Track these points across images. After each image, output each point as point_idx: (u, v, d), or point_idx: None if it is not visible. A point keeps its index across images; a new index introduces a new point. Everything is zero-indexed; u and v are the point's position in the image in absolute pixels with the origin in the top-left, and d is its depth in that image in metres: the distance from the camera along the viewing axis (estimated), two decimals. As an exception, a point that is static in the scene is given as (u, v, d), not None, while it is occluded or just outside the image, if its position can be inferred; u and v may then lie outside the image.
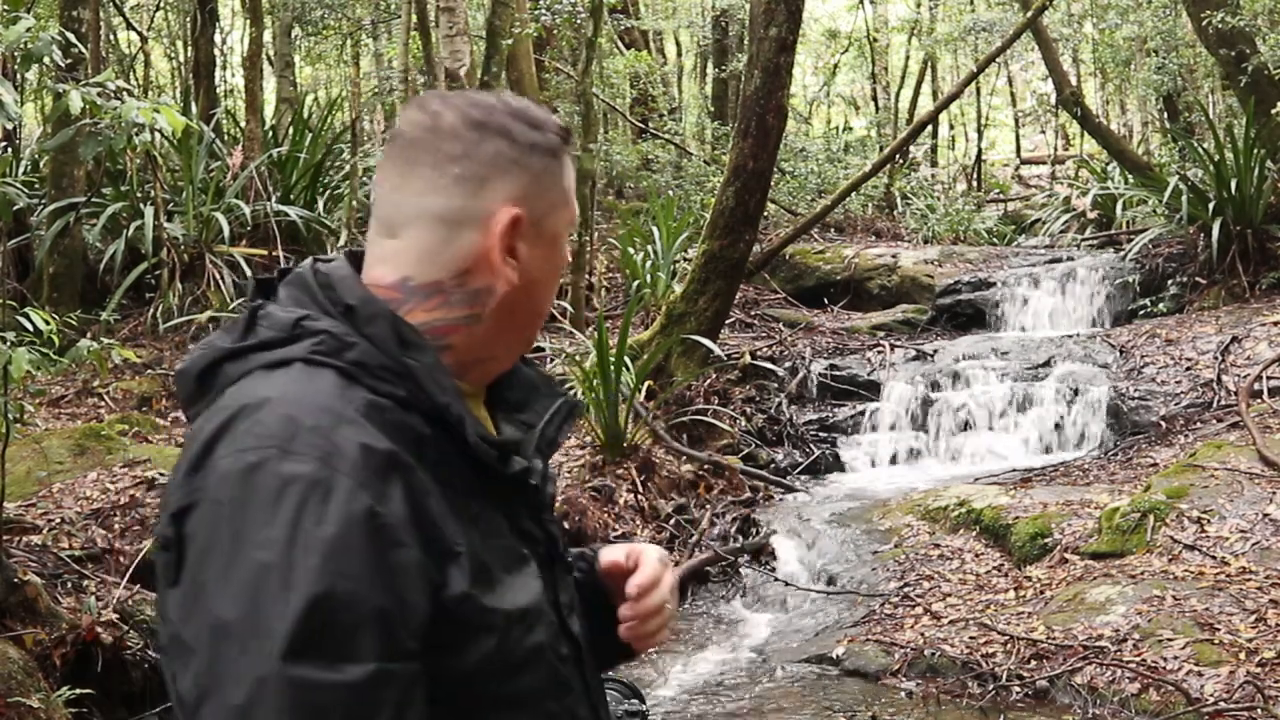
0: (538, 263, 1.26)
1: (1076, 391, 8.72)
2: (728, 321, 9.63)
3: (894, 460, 8.83)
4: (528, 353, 1.31)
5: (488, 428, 1.28)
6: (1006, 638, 5.25)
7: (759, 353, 9.70)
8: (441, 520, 1.12)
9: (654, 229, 11.33)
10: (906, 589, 6.08)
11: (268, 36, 14.35)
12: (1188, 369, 8.65)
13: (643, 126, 16.91)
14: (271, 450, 1.06)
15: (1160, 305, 10.66)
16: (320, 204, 10.89)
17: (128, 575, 5.23)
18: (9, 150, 10.02)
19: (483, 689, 1.14)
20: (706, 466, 7.85)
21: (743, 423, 8.68)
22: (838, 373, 9.53)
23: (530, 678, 1.18)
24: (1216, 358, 8.57)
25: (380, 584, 1.04)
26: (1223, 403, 8.01)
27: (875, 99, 21.53)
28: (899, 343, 10.34)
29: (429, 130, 1.23)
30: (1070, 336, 10.10)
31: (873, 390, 9.34)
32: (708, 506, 7.50)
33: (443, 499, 1.14)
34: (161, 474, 6.04)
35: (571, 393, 1.48)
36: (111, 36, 15.09)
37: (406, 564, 1.07)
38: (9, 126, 8.50)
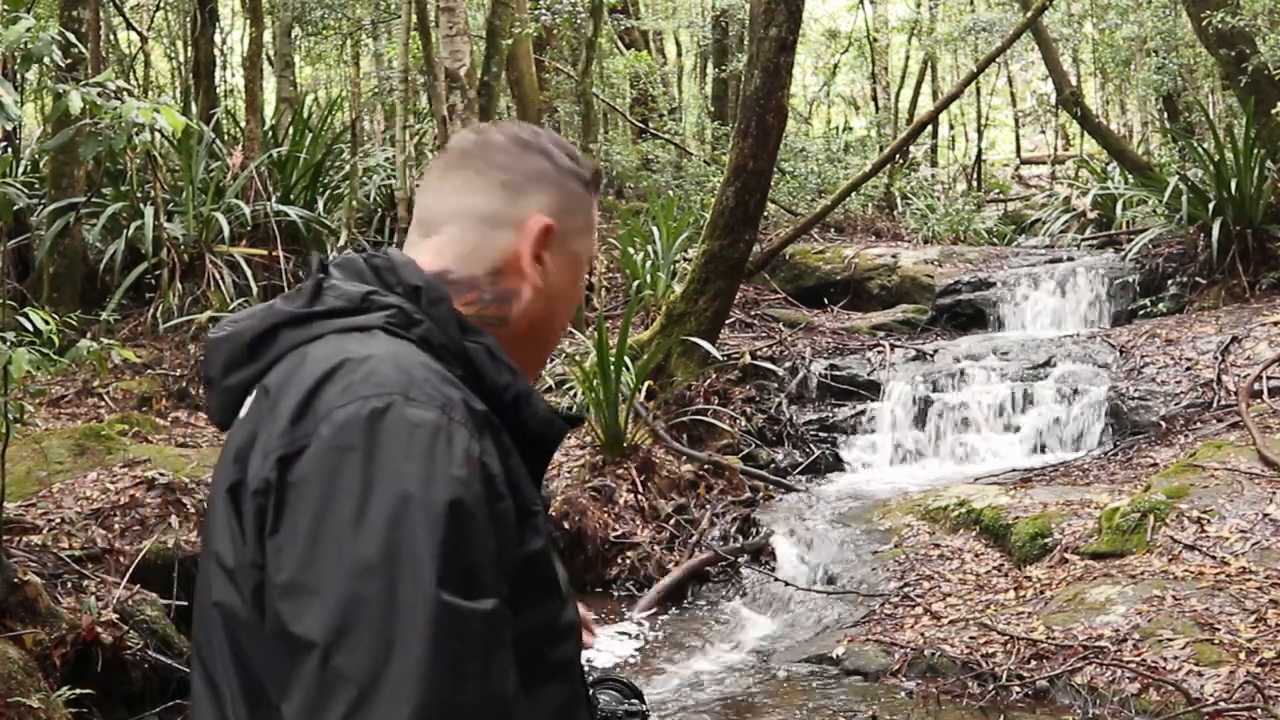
0: (560, 277, 1.35)
1: (1076, 391, 8.72)
2: (728, 321, 9.63)
3: (894, 460, 8.83)
4: (543, 362, 1.36)
5: None
6: (1006, 638, 5.25)
7: (759, 353, 9.70)
8: (522, 481, 1.19)
9: (654, 229, 11.33)
10: (906, 589, 6.08)
11: (268, 36, 14.35)
12: (1188, 369, 8.65)
13: (643, 126, 16.91)
14: (396, 396, 1.10)
15: (1160, 305, 10.66)
16: (320, 204, 10.89)
17: (128, 575, 5.23)
18: (9, 150, 10.02)
19: (538, 650, 1.18)
20: (706, 466, 7.85)
21: (743, 423, 8.68)
22: (838, 373, 9.53)
23: (567, 649, 1.24)
24: (1216, 358, 8.57)
25: (492, 528, 1.10)
26: (1223, 403, 8.01)
27: (875, 99, 21.53)
28: (899, 343, 10.34)
29: (479, 144, 1.34)
30: (1070, 336, 10.09)
31: (873, 390, 9.34)
32: (708, 506, 7.50)
33: (521, 463, 1.20)
34: (161, 474, 6.03)
35: (570, 399, 1.52)
36: (111, 36, 15.09)
37: (506, 514, 1.13)
38: (9, 126, 8.50)
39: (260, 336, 1.22)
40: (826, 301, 12.02)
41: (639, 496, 7.32)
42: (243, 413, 1.21)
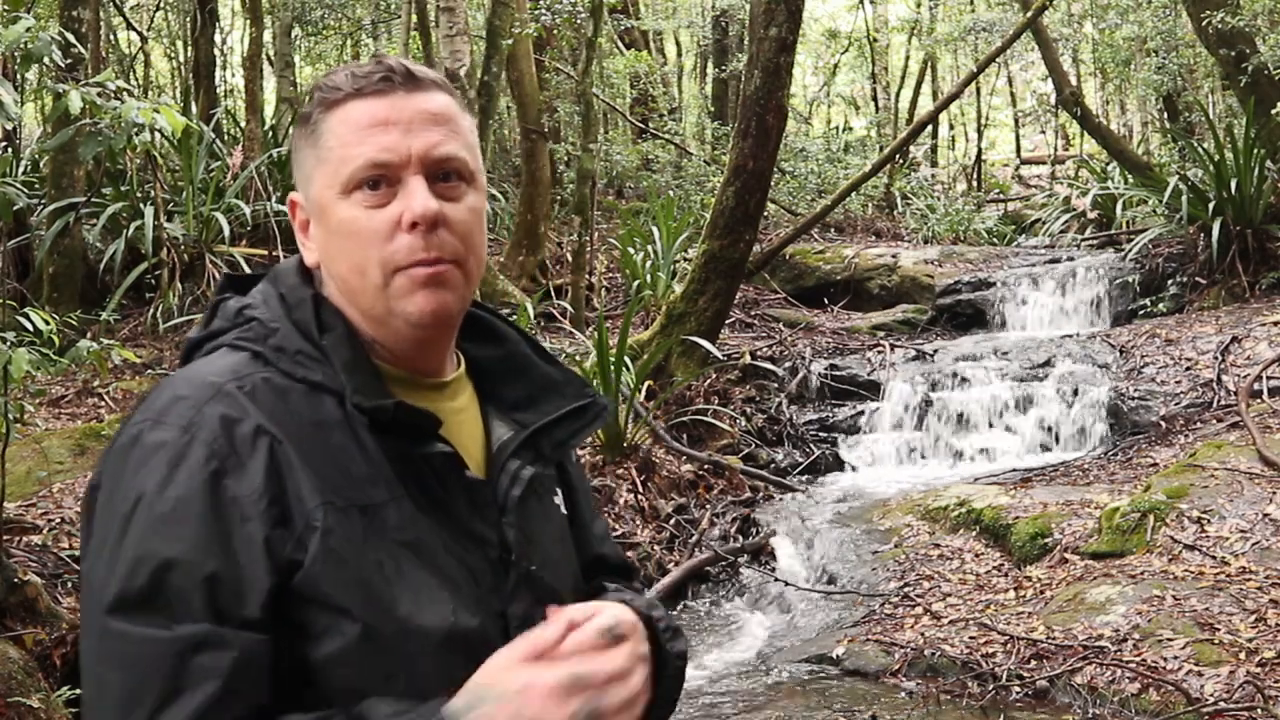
0: (322, 233, 1.24)
1: (1076, 391, 8.72)
2: (728, 321, 9.62)
3: (894, 460, 8.83)
4: (399, 321, 1.21)
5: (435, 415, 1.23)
6: (1006, 638, 5.25)
7: (759, 353, 9.70)
8: (307, 496, 1.12)
9: (654, 229, 11.33)
10: (906, 589, 6.08)
11: (268, 36, 14.35)
12: (1188, 369, 8.65)
13: (643, 126, 16.90)
14: (148, 421, 1.13)
15: (1160, 305, 10.66)
16: (320, 204, 10.88)
17: (128, 575, 5.22)
18: (9, 150, 10.02)
19: (346, 680, 1.11)
20: (706, 466, 7.85)
21: (743, 423, 8.68)
22: (838, 373, 9.53)
23: (400, 683, 1.12)
24: (1216, 358, 8.56)
25: (217, 551, 1.07)
26: (1223, 403, 8.01)
27: (875, 99, 21.53)
28: (899, 343, 10.34)
29: None
30: (1070, 336, 10.09)
31: (873, 390, 9.33)
32: (708, 506, 7.50)
33: (318, 477, 1.12)
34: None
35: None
36: (111, 36, 15.09)
37: (250, 536, 1.09)
38: (9, 126, 8.50)
39: (182, 364, 1.26)
40: (826, 301, 12.01)
41: (639, 496, 7.32)
42: None
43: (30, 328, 4.98)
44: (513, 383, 1.34)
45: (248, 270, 9.45)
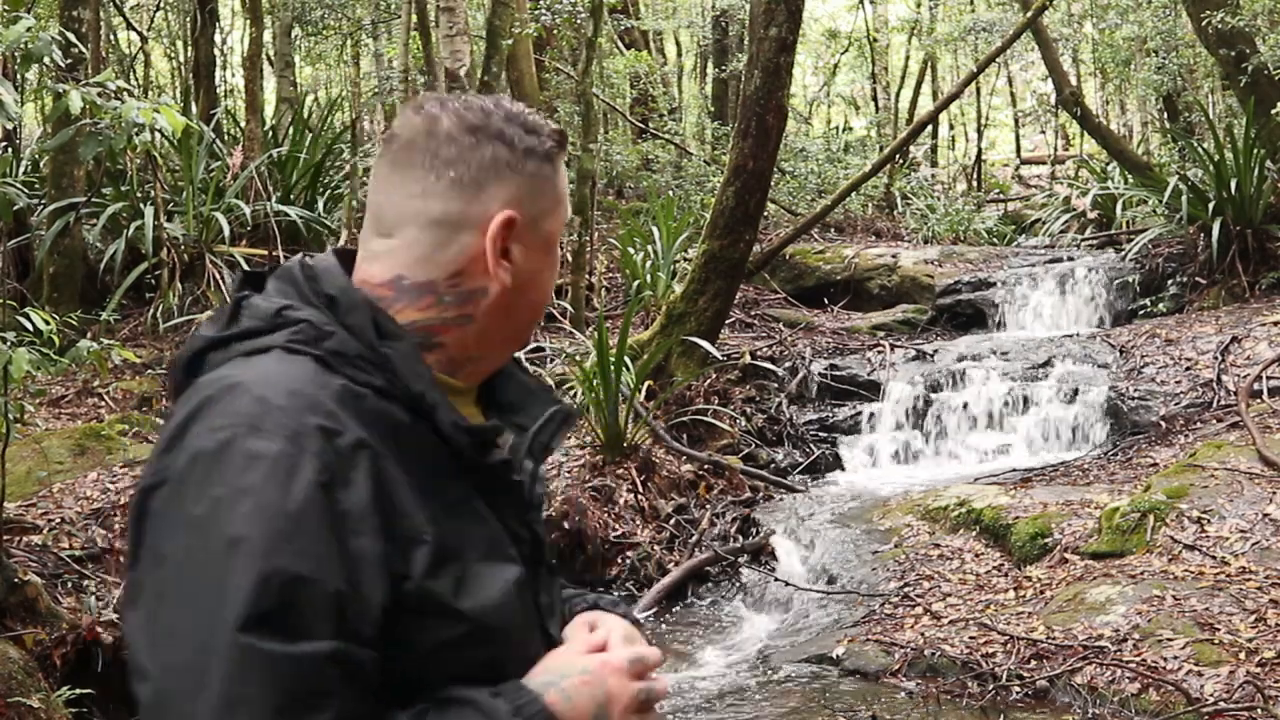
0: (532, 265, 1.28)
1: (1076, 391, 8.72)
2: (728, 321, 9.62)
3: (894, 460, 8.83)
4: (520, 352, 1.32)
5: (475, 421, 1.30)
6: (1006, 638, 5.25)
7: (759, 353, 9.70)
8: (410, 509, 1.14)
9: (654, 229, 11.33)
10: (906, 589, 6.08)
11: (268, 36, 14.35)
12: (1188, 369, 8.65)
13: (643, 126, 16.90)
14: (241, 428, 1.08)
15: (1160, 305, 10.66)
16: (320, 204, 10.89)
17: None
18: (9, 150, 10.02)
19: (440, 673, 1.15)
20: (706, 466, 7.85)
21: (743, 423, 8.68)
22: (838, 373, 9.53)
23: (491, 670, 1.17)
24: (1216, 358, 8.57)
25: (339, 567, 1.06)
26: (1223, 403, 8.01)
27: (875, 99, 21.53)
28: (899, 343, 10.34)
29: (426, 134, 1.25)
30: (1070, 336, 10.09)
31: (873, 390, 9.33)
32: (708, 506, 7.50)
33: (413, 488, 1.15)
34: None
35: (569, 399, 1.46)
36: (111, 36, 15.09)
37: (363, 552, 1.08)
38: (9, 126, 8.51)
39: (190, 362, 1.21)
40: (826, 301, 12.02)
41: (639, 496, 7.32)
42: None
43: (30, 328, 4.98)
44: (502, 386, 1.38)
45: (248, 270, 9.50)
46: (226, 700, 1.01)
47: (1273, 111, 9.99)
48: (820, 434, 9.03)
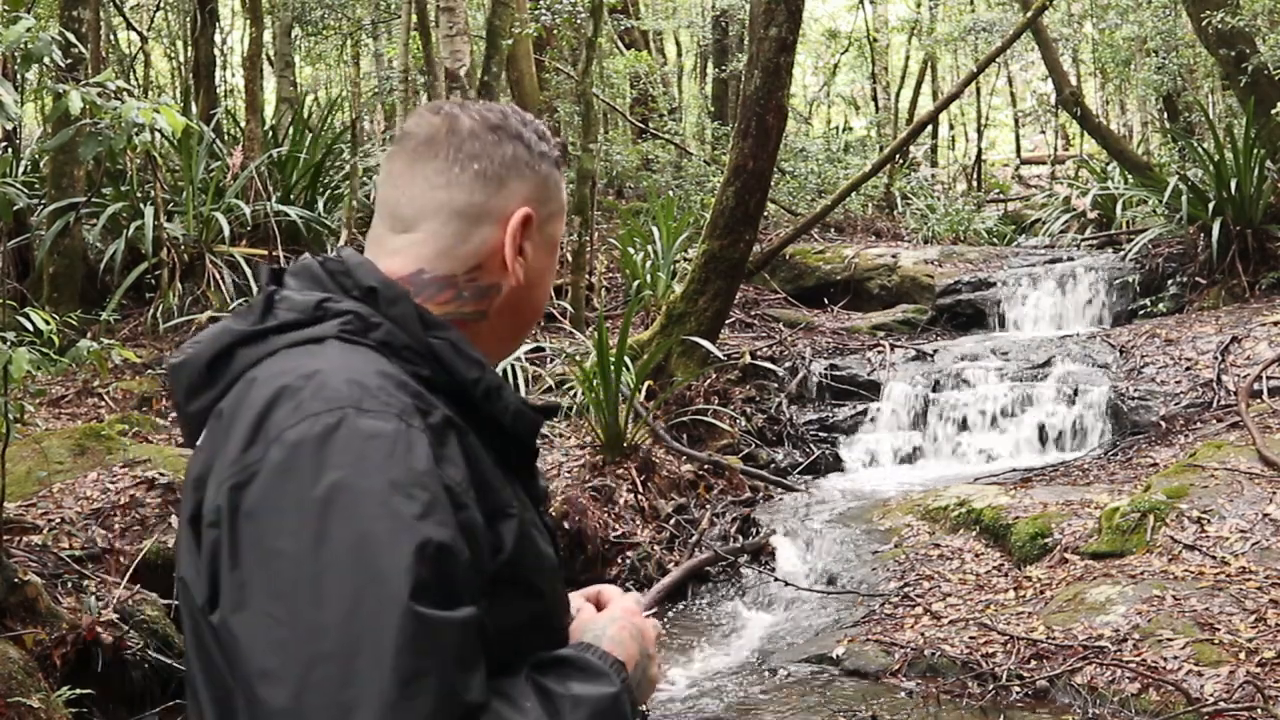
0: (540, 264, 1.32)
1: (1076, 391, 8.72)
2: (728, 321, 9.63)
3: (894, 460, 8.83)
4: (520, 350, 1.36)
5: None
6: (1006, 638, 5.25)
7: (759, 353, 9.70)
8: (497, 484, 1.17)
9: (654, 229, 11.33)
10: (906, 589, 6.08)
11: (268, 36, 14.35)
12: (1188, 369, 8.65)
13: (643, 126, 16.91)
14: (348, 409, 1.06)
15: (1160, 305, 10.66)
16: (320, 204, 10.89)
17: (128, 575, 5.23)
18: (9, 150, 10.02)
19: (528, 647, 1.19)
20: (706, 466, 7.85)
21: (743, 423, 8.68)
22: (838, 373, 9.53)
23: (550, 646, 1.24)
24: (1216, 358, 8.57)
25: (462, 537, 1.07)
26: (1223, 403, 8.01)
27: (875, 99, 21.53)
28: (899, 343, 10.34)
29: (448, 130, 1.28)
30: (1070, 336, 10.09)
31: (873, 390, 9.34)
32: (708, 506, 7.50)
33: (494, 465, 1.19)
34: (161, 474, 6.03)
35: (569, 399, 1.52)
36: (111, 36, 15.10)
37: (472, 523, 1.10)
38: (9, 126, 8.51)
39: (216, 358, 1.18)
40: (826, 301, 12.02)
41: (639, 496, 7.32)
42: (200, 439, 1.17)
43: (30, 328, 4.98)
44: None
45: (248, 270, 9.44)
46: (402, 677, 0.98)
47: (1273, 111, 9.99)
48: (820, 434, 9.03)
